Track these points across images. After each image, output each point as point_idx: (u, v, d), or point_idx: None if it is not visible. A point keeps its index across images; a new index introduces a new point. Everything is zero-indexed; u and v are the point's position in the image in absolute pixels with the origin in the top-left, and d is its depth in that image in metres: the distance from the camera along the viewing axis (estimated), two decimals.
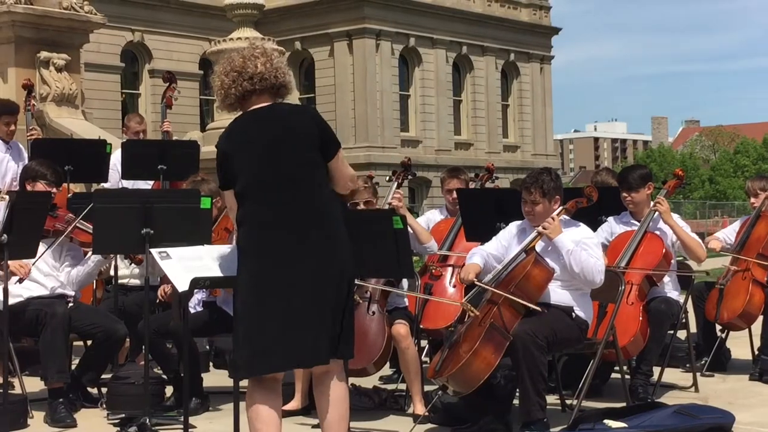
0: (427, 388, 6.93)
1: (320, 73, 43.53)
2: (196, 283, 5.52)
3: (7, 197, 5.56)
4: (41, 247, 6.84)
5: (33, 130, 9.93)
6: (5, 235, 5.63)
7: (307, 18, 41.98)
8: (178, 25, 39.02)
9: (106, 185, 9.47)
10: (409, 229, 6.98)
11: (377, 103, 42.44)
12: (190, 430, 6.06)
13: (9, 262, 6.47)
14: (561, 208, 6.53)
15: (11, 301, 6.76)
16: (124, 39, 37.72)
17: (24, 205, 5.84)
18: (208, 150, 11.04)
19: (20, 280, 6.95)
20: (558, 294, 6.40)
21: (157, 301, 7.69)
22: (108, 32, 26.08)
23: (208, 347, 8.93)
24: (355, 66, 42.32)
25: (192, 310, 7.35)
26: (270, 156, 4.93)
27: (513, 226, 6.69)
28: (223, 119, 13.29)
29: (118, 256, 7.91)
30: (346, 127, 41.40)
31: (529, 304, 6.17)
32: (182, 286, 5.32)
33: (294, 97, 37.65)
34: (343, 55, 41.91)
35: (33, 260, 6.94)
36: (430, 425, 6.55)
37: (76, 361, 7.50)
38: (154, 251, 5.48)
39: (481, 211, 7.51)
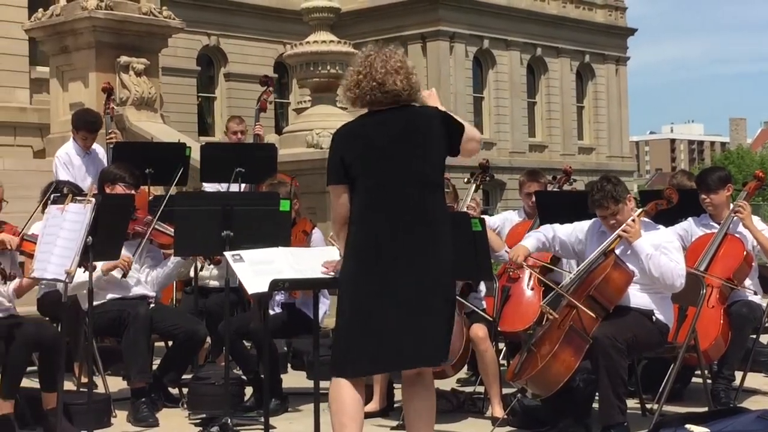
0: (505, 390, 6.90)
1: None
2: (275, 285, 5.57)
3: (93, 200, 5.64)
4: (123, 249, 6.94)
5: (112, 133, 10.07)
6: (90, 237, 5.72)
7: (381, 21, 42.07)
8: (253, 29, 39.34)
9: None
10: None
11: (451, 105, 42.35)
12: (270, 430, 6.11)
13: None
14: (641, 210, 6.48)
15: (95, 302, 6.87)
16: (200, 43, 38.11)
17: (108, 208, 5.93)
18: (286, 153, 11.16)
19: (124, 275, 7.06)
20: (638, 297, 6.35)
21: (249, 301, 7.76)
22: (184, 36, 26.39)
23: (286, 348, 8.99)
24: (429, 68, 42.30)
25: (271, 312, 7.41)
26: (391, 155, 4.93)
27: (595, 224, 6.62)
28: (300, 122, 13.37)
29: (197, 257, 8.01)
30: None
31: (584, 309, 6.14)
32: (252, 288, 5.38)
33: None
34: (417, 57, 41.89)
35: (134, 254, 7.08)
36: (509, 428, 6.53)
37: (157, 362, 7.61)
38: (227, 254, 5.53)
39: (560, 213, 7.46)
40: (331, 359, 4.99)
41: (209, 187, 9.51)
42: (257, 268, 5.39)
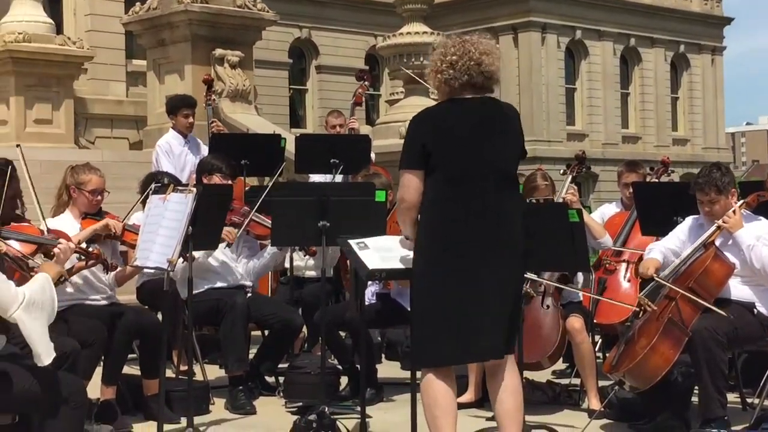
0: (600, 383, 6.85)
1: None
2: (373, 275, 5.60)
3: (194, 190, 5.72)
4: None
5: (214, 123, 10.23)
6: (190, 227, 5.80)
7: (472, 12, 41.88)
8: (344, 21, 39.48)
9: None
10: None
11: (543, 96, 42.09)
12: (366, 419, 6.15)
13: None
14: (742, 201, 6.37)
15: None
16: (292, 36, 38.36)
17: (207, 198, 6.01)
18: (378, 144, 11.19)
19: (228, 245, 7.15)
20: (739, 289, 6.25)
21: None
22: (276, 29, 26.54)
23: (380, 338, 9.03)
24: (521, 60, 42.03)
25: (365, 302, 7.45)
26: (471, 146, 4.93)
27: (690, 220, 6.55)
28: (392, 113, 13.41)
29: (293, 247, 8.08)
30: None
31: (709, 305, 6.04)
32: (363, 276, 5.40)
33: None
34: (509, 48, 41.65)
35: (240, 230, 7.17)
36: (605, 420, 6.48)
37: (253, 351, 7.70)
38: (351, 242, 5.55)
39: (658, 204, 7.37)
40: (410, 349, 5.01)
41: (317, 177, 9.57)
42: (383, 255, 5.40)
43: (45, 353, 4.54)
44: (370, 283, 6.92)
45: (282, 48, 37.32)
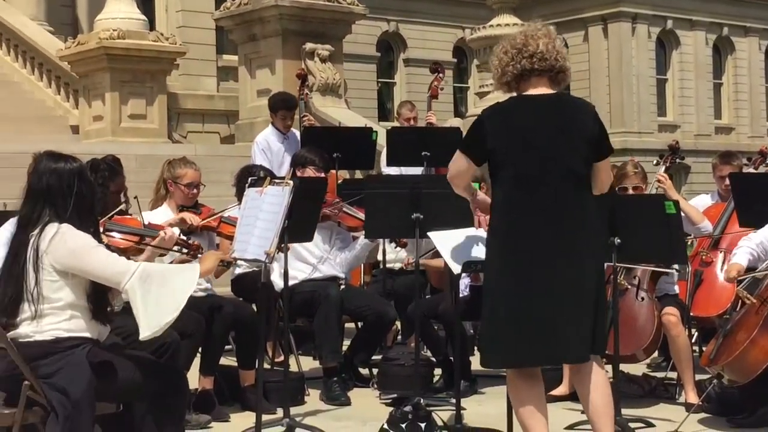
0: (697, 376, 6.76)
1: (575, 59, 42.88)
2: (468, 267, 5.61)
3: (291, 182, 5.78)
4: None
5: (306, 117, 10.31)
6: (286, 220, 5.85)
7: (561, 3, 41.49)
8: (432, 13, 39.40)
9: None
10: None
11: (633, 87, 41.53)
12: (461, 411, 6.15)
13: None
14: None
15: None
16: (380, 29, 38.41)
17: (302, 191, 6.06)
18: None
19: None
20: None
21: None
22: (364, 23, 26.60)
23: (472, 331, 9.02)
24: (610, 50, 41.52)
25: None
26: (544, 145, 4.83)
27: None
28: (483, 106, 13.35)
29: (384, 240, 8.12)
30: (602, 112, 40.24)
31: None
32: (456, 268, 5.41)
33: None
34: (598, 39, 41.22)
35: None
36: (703, 415, 6.39)
37: (347, 343, 7.75)
38: (433, 234, 5.57)
39: (756, 195, 7.24)
40: (480, 349, 4.98)
41: (390, 170, 9.60)
42: (463, 248, 5.41)
43: (145, 328, 4.57)
44: (463, 275, 6.91)
45: (370, 42, 37.39)
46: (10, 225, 5.32)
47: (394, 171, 9.58)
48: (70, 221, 4.69)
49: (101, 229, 5.18)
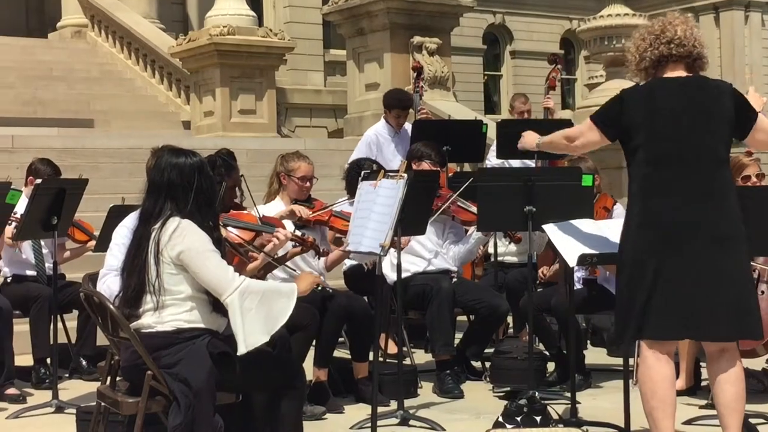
0: None
1: None
2: (584, 260, 5.55)
3: (405, 176, 5.79)
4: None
5: (423, 111, 10.34)
6: (400, 213, 5.86)
7: None
8: (539, 5, 39.09)
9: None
10: None
11: (746, 77, 40.74)
12: (576, 405, 6.10)
13: None
14: None
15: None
16: (486, 21, 38.25)
17: (416, 184, 6.06)
18: None
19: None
20: None
21: (538, 281, 7.78)
22: (471, 15, 26.54)
23: (584, 324, 8.94)
24: (722, 39, 40.71)
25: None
26: (681, 126, 4.84)
27: None
28: (594, 97, 13.22)
29: (496, 233, 8.09)
30: None
31: None
32: (573, 261, 5.37)
33: None
34: (710, 28, 40.40)
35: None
36: None
37: (458, 336, 7.73)
38: (547, 226, 5.53)
39: None
40: (622, 327, 4.91)
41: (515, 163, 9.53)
42: (578, 240, 5.37)
43: (242, 344, 4.64)
44: (576, 268, 6.85)
45: (476, 34, 37.27)
46: (131, 219, 5.45)
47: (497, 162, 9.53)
48: (191, 215, 4.77)
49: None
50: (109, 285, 5.30)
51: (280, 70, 18.75)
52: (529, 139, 5.92)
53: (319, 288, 5.27)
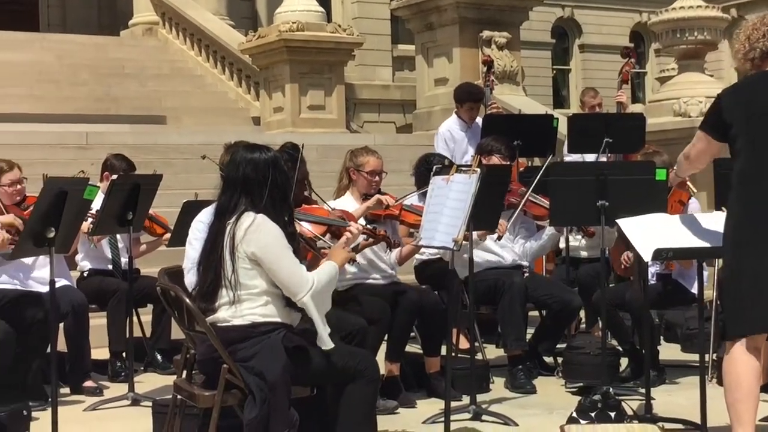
0: None
1: None
2: (659, 254, 5.50)
3: (478, 170, 5.77)
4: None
5: (494, 105, 10.32)
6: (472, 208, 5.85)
7: None
8: None
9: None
10: None
11: None
12: (650, 401, 6.05)
13: None
14: None
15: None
16: (554, 15, 38.01)
17: (488, 179, 6.04)
18: (651, 122, 10.95)
19: (498, 238, 7.20)
20: None
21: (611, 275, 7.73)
22: (539, 9, 26.33)
23: (657, 320, 8.85)
24: None
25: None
26: None
27: None
28: (666, 91, 13.05)
29: (567, 228, 8.04)
30: None
31: None
32: (648, 256, 5.32)
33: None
34: None
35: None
36: None
37: (530, 331, 7.70)
38: (621, 221, 5.49)
39: None
40: (726, 321, 4.89)
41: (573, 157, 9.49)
42: (653, 234, 5.32)
43: (326, 341, 4.74)
44: (651, 263, 6.79)
45: (544, 28, 37.07)
46: (206, 214, 5.49)
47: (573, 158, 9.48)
48: (265, 210, 4.80)
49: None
50: (191, 280, 5.33)
51: (348, 65, 18.78)
52: (672, 176, 5.89)
53: (351, 262, 5.31)
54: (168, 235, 7.89)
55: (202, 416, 5.20)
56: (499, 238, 7.17)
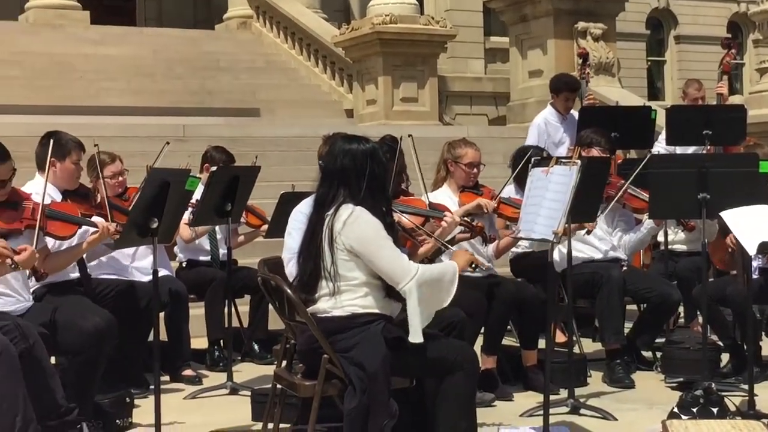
0: None
1: None
2: (764, 248, 5.40)
3: (578, 162, 5.71)
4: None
5: (590, 97, 10.23)
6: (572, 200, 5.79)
7: None
8: None
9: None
10: None
11: None
12: (754, 398, 5.94)
13: None
14: None
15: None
16: (650, 6, 37.50)
17: (587, 171, 5.98)
18: (752, 114, 10.77)
19: (587, 233, 7.12)
20: None
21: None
22: (634, 0, 26.07)
23: (759, 315, 8.68)
24: None
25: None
26: None
27: None
28: (765, 82, 12.85)
29: (667, 221, 7.93)
30: None
31: None
32: (753, 249, 5.22)
33: None
34: None
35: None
36: None
37: (628, 325, 7.62)
38: (725, 213, 5.40)
39: None
40: None
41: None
42: (759, 227, 5.23)
43: (416, 334, 4.69)
44: (756, 256, 6.65)
45: (639, 19, 36.58)
46: (305, 205, 5.52)
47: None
48: (364, 202, 4.80)
49: None
50: (291, 270, 5.36)
51: (440, 57, 18.76)
52: None
53: (474, 267, 5.27)
54: (266, 227, 7.95)
55: (301, 406, 5.25)
56: (588, 233, 7.08)
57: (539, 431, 5.54)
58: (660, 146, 9.55)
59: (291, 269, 5.03)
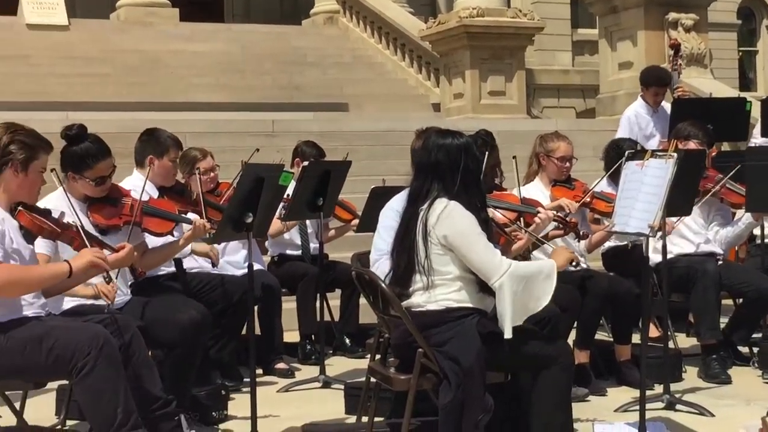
0: None
1: None
2: None
3: (675, 155, 5.63)
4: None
5: (680, 88, 10.09)
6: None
7: None
8: None
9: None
10: None
11: None
12: None
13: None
14: None
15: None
16: None
17: (684, 164, 5.89)
18: None
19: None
20: None
21: None
22: None
23: None
24: None
25: None
26: None
27: None
28: None
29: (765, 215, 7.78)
30: None
31: None
32: None
33: None
34: None
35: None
36: None
37: (724, 320, 7.49)
38: None
39: None
40: None
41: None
42: None
43: (508, 330, 4.66)
44: None
45: (730, 9, 35.96)
46: (397, 201, 5.53)
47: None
48: (458, 196, 4.79)
49: None
50: (383, 270, 5.36)
51: (527, 50, 18.66)
52: None
53: (575, 264, 5.22)
54: (356, 221, 7.98)
55: (395, 399, 5.26)
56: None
57: (635, 426, 5.47)
58: (756, 139, 9.39)
59: (382, 268, 5.03)
